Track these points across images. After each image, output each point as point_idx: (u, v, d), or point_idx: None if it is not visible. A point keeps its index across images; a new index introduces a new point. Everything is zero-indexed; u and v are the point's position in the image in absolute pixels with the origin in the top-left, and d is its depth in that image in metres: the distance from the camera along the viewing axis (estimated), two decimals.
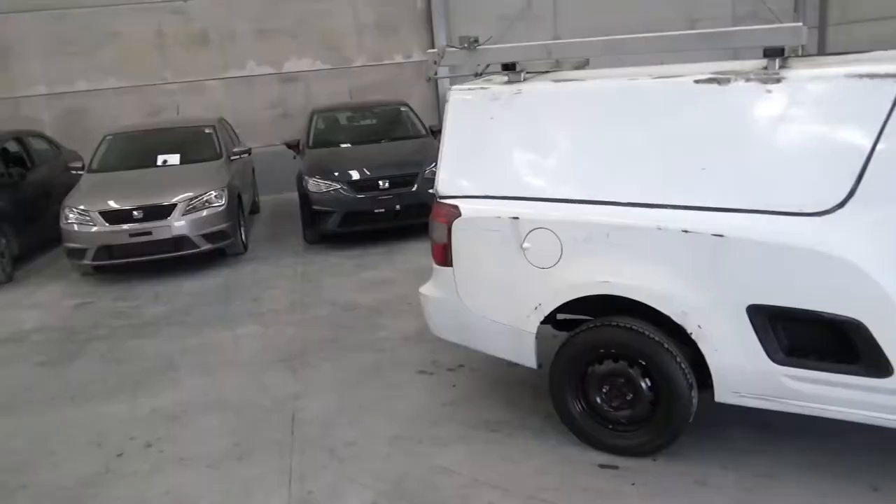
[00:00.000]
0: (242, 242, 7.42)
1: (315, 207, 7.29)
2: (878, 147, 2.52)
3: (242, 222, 7.53)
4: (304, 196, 7.40)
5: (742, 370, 2.80)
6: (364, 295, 5.78)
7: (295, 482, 3.16)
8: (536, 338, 3.20)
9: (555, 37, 11.87)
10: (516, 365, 3.41)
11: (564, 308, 3.16)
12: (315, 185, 7.31)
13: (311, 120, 8.72)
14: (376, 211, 7.23)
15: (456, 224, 3.29)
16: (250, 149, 8.50)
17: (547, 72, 3.50)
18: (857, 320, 2.53)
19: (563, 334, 3.31)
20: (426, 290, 3.60)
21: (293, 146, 8.45)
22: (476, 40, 3.43)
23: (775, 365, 2.72)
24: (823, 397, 2.71)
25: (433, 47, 8.01)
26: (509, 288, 3.22)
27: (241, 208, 7.51)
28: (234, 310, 5.71)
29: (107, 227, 6.59)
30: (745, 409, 2.93)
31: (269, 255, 7.39)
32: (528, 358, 3.26)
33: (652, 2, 12.75)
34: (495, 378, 4.01)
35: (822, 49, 13.12)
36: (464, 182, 3.32)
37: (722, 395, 2.90)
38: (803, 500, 2.75)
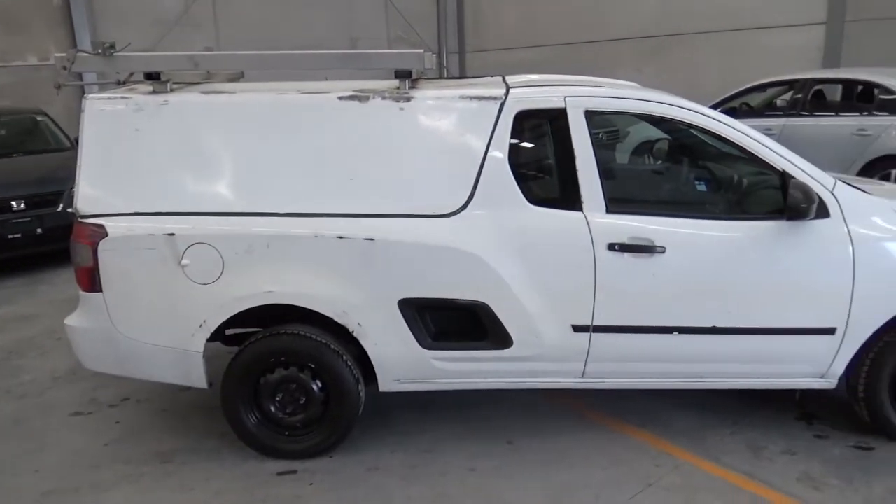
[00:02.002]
0: None
1: None
2: (488, 157, 3.01)
3: None
4: None
5: (399, 359, 3.09)
6: None
7: None
8: (204, 357, 3.10)
9: (216, 45, 11.54)
10: (188, 388, 3.26)
11: (232, 322, 3.12)
12: None
13: None
14: (10, 236, 6.19)
15: (102, 245, 3.01)
16: None
17: (197, 83, 3.41)
18: (483, 303, 3.00)
19: (235, 349, 3.26)
20: (73, 320, 3.22)
21: None
22: (112, 46, 3.18)
23: (425, 350, 3.07)
24: (465, 372, 3.15)
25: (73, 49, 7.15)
26: (170, 308, 3.06)
27: None
28: None
29: None
30: (408, 394, 3.25)
31: None
32: (198, 379, 3.14)
33: (316, 19, 13.24)
34: (165, 406, 3.76)
35: (463, 72, 15.07)
36: (108, 198, 3.06)
37: (385, 384, 3.17)
38: (456, 465, 3.15)
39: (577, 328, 3.06)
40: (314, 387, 3.12)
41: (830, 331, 3.03)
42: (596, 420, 3.49)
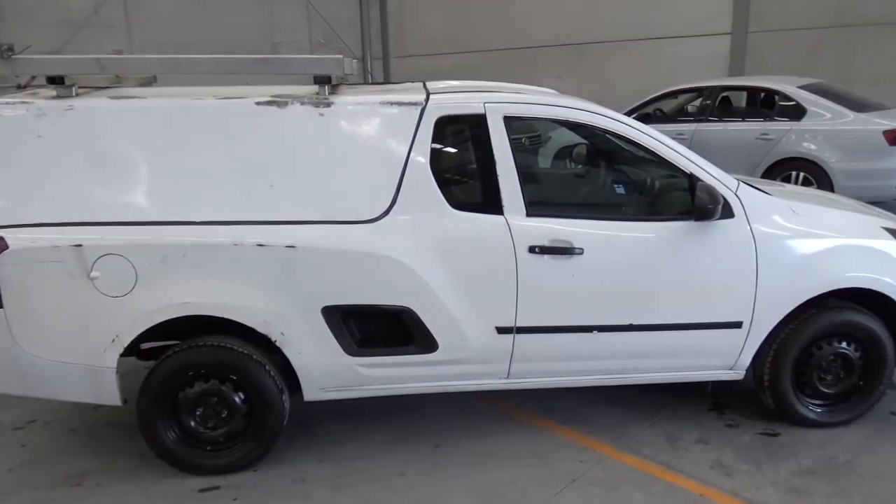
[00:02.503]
0: None
1: None
2: (409, 163, 3.02)
3: None
4: None
5: (324, 368, 3.06)
6: None
7: None
8: (118, 373, 2.97)
9: (128, 48, 11.10)
10: (100, 407, 3.11)
11: (148, 336, 3.00)
12: None
13: None
14: None
15: (2, 258, 2.83)
16: None
17: (106, 87, 3.27)
18: (408, 308, 3.00)
19: (151, 363, 3.13)
20: None
21: None
22: (10, 48, 3.02)
23: (351, 358, 3.05)
24: (392, 378, 3.14)
25: None
26: (79, 323, 2.92)
27: None
28: None
29: None
30: (335, 402, 3.21)
31: None
32: (111, 396, 3.01)
33: (236, 22, 12.96)
34: (75, 426, 3.57)
35: (388, 77, 15.07)
36: (9, 209, 2.88)
37: (310, 393, 3.13)
38: (385, 471, 3.13)
39: (501, 330, 3.10)
40: (236, 399, 3.04)
41: (737, 324, 3.20)
42: (522, 419, 3.56)
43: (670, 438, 3.36)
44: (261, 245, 2.90)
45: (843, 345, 3.32)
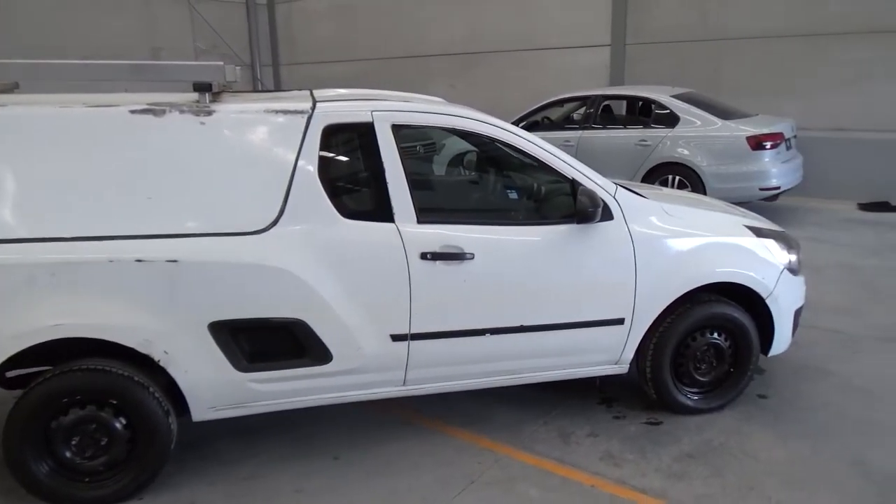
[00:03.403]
0: None
1: None
2: (297, 172, 2.97)
3: None
4: None
5: (213, 385, 2.94)
6: None
7: None
8: None
9: None
10: None
11: (16, 362, 2.77)
12: None
13: None
14: None
15: None
16: None
17: None
18: (299, 319, 2.95)
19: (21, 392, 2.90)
20: None
21: None
22: None
23: (241, 373, 2.95)
24: (285, 392, 3.07)
25: None
26: None
27: None
28: None
29: None
30: (229, 421, 3.09)
31: None
32: None
33: (113, 26, 12.28)
34: None
35: (278, 85, 14.76)
36: None
37: (199, 413, 3.00)
38: (282, 489, 3.05)
39: (396, 337, 3.11)
40: (117, 425, 2.86)
41: (620, 321, 3.37)
42: (422, 425, 3.57)
43: (563, 434, 3.48)
44: (139, 260, 2.76)
45: (715, 335, 3.58)
